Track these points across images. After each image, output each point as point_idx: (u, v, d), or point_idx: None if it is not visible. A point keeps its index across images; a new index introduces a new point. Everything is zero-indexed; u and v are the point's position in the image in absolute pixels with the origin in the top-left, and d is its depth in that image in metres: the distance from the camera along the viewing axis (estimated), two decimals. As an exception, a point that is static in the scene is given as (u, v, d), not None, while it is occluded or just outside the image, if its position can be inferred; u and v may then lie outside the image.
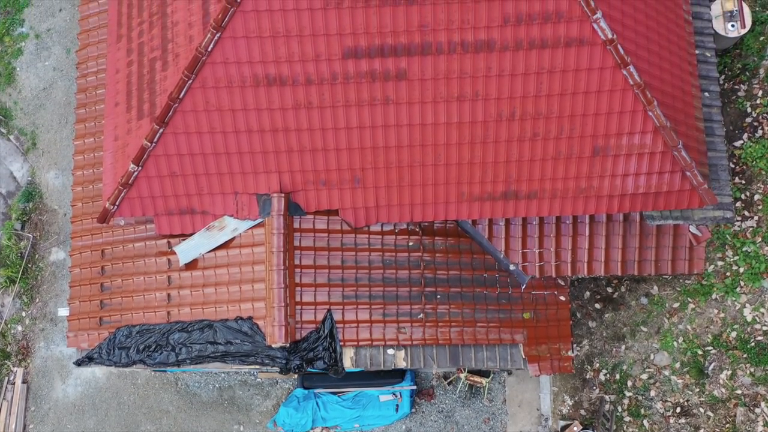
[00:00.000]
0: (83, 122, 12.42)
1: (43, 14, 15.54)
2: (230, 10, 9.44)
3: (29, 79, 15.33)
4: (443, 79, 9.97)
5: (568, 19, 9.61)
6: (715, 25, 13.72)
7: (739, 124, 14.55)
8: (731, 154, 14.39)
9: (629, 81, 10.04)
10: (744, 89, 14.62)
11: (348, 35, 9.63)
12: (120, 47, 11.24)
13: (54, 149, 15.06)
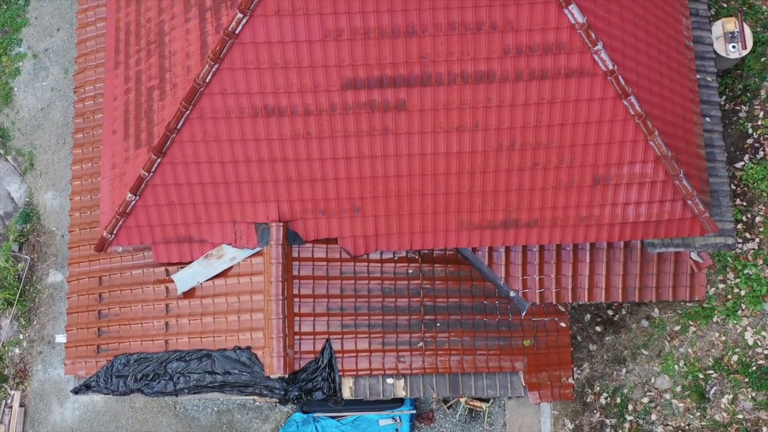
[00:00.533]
0: (81, 147, 12.35)
1: (40, 34, 15.47)
2: (228, 42, 9.36)
3: (27, 100, 15.26)
4: (443, 110, 9.90)
5: (569, 50, 9.54)
6: (716, 46, 13.65)
7: (740, 145, 14.48)
8: (732, 176, 14.33)
9: (630, 111, 9.97)
10: (745, 110, 14.56)
11: (347, 67, 9.56)
12: (118, 74, 11.17)
13: (52, 170, 14.99)
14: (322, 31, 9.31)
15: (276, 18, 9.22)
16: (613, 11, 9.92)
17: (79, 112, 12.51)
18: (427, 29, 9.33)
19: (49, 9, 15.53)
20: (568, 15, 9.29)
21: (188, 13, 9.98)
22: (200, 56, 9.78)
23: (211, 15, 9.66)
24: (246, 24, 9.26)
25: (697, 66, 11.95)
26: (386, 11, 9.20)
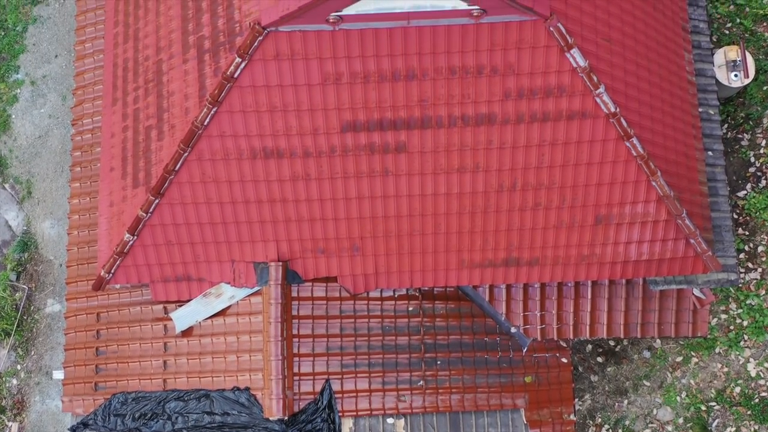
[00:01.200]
0: (78, 181, 12.26)
1: (38, 60, 15.37)
2: (226, 85, 9.27)
3: (25, 127, 15.17)
4: (443, 152, 9.81)
5: (571, 93, 9.45)
6: (717, 75, 13.56)
7: (742, 174, 14.40)
8: (734, 205, 14.24)
9: (632, 152, 9.89)
10: (747, 138, 14.47)
11: (346, 110, 9.47)
12: (115, 111, 11.08)
13: (50, 198, 14.90)
14: (321, 75, 9.22)
15: (275, 62, 9.13)
16: (615, 52, 9.83)
17: (76, 145, 12.42)
18: (428, 73, 9.24)
19: (47, 36, 15.44)
20: (569, 59, 9.20)
21: (186, 54, 9.89)
22: (198, 98, 9.68)
23: (210, 57, 9.56)
24: (244, 68, 9.17)
25: (699, 99, 11.87)
26: (386, 55, 9.11)
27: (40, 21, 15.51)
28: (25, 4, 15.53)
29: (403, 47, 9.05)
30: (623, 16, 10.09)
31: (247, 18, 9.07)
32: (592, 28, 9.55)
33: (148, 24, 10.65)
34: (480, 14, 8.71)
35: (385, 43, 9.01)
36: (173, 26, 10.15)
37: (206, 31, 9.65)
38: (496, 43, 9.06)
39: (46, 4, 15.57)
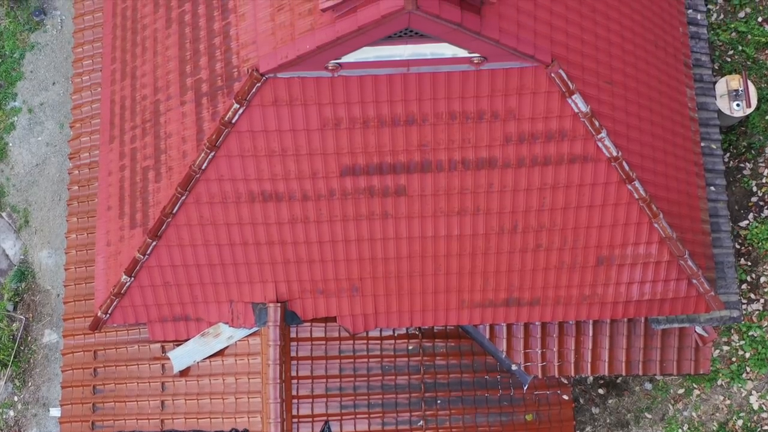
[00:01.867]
0: (75, 215, 12.17)
1: (36, 88, 15.28)
2: (224, 131, 9.18)
3: (22, 155, 15.07)
4: (443, 195, 9.71)
5: (572, 137, 9.36)
6: (719, 104, 13.48)
7: (744, 203, 14.30)
8: (736, 235, 14.14)
9: (634, 195, 9.79)
10: (749, 168, 14.38)
11: (346, 154, 9.38)
12: (113, 149, 10.99)
13: (47, 227, 14.80)
14: (320, 120, 9.13)
15: (273, 108, 9.03)
16: (617, 94, 9.74)
17: (74, 179, 12.33)
18: (428, 118, 9.15)
19: (44, 62, 15.35)
20: (571, 104, 9.11)
21: (184, 96, 9.80)
22: (196, 142, 9.59)
23: (207, 101, 9.47)
24: (242, 114, 9.07)
25: (701, 133, 11.78)
26: (386, 101, 9.01)
27: (38, 48, 15.41)
28: (22, 31, 15.43)
29: (403, 93, 8.96)
30: (625, 57, 10.00)
31: (245, 64, 8.97)
32: (594, 71, 9.46)
33: (145, 63, 10.55)
34: (480, 61, 8.62)
35: (384, 89, 8.91)
36: (171, 67, 10.05)
37: (204, 74, 9.56)
38: (497, 89, 8.97)
39: (43, 30, 15.48)
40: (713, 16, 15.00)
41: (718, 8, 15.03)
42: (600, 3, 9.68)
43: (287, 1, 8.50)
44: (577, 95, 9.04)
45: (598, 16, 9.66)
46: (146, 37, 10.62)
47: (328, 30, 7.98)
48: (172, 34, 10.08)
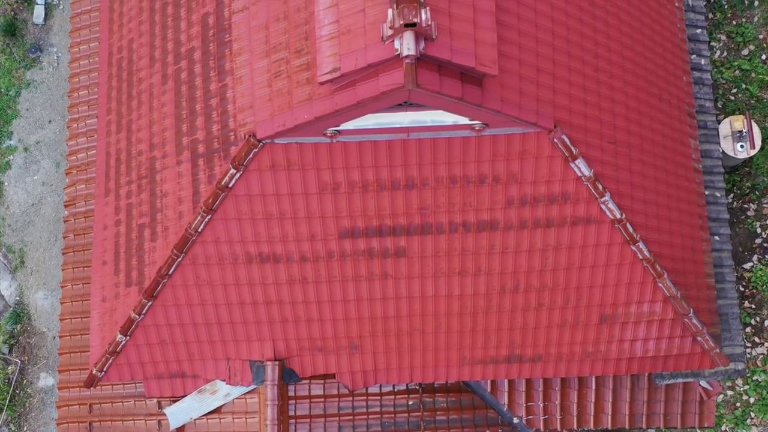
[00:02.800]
0: (71, 265, 12.00)
1: (32, 126, 15.11)
2: (221, 195, 9.01)
3: (17, 194, 14.90)
4: (444, 256, 9.55)
5: (575, 200, 9.19)
6: (723, 145, 13.34)
7: (748, 245, 14.14)
8: (740, 277, 13.98)
9: (638, 256, 9.63)
10: (753, 208, 14.22)
11: (344, 217, 9.21)
12: (108, 202, 10.82)
13: (43, 268, 14.63)
14: (318, 184, 8.96)
15: (271, 172, 8.87)
16: (621, 154, 9.58)
17: (69, 228, 12.16)
18: (428, 182, 8.98)
19: (40, 100, 15.18)
20: (574, 168, 8.95)
21: (180, 155, 9.63)
22: (192, 203, 9.42)
23: (204, 163, 9.30)
24: (240, 178, 8.91)
25: (705, 182, 11.62)
26: (385, 166, 8.85)
27: (34, 85, 15.25)
28: (18, 68, 15.27)
29: (403, 158, 8.79)
30: (629, 114, 9.84)
31: (242, 128, 8.81)
32: (597, 132, 9.29)
33: (141, 117, 10.38)
34: (482, 128, 8.45)
35: (384, 154, 8.75)
36: (167, 124, 9.89)
37: (200, 135, 9.39)
38: (499, 154, 8.81)
39: (39, 67, 15.31)
40: (716, 54, 14.85)
41: (721, 45, 14.88)
42: (603, 61, 9.52)
43: (285, 68, 8.33)
44: (581, 160, 8.87)
45: (602, 74, 9.50)
46: (142, 90, 10.45)
47: (326, 102, 7.81)
48: (168, 90, 9.91)
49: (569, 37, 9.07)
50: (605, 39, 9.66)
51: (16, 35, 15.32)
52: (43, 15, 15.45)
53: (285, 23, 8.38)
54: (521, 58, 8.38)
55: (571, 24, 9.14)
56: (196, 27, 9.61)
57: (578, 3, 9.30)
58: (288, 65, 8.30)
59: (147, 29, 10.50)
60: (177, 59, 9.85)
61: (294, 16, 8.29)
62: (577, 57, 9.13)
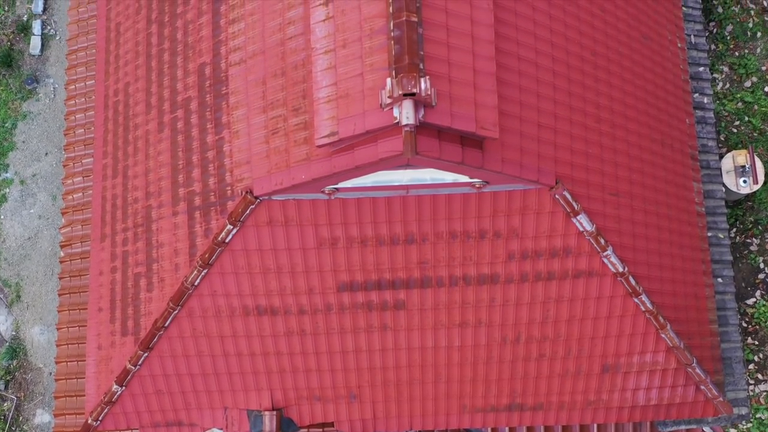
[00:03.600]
0: (67, 307, 11.84)
1: (28, 158, 14.98)
2: (218, 250, 8.88)
3: (14, 228, 14.77)
4: (444, 309, 9.42)
5: (577, 254, 9.06)
6: (725, 180, 13.20)
7: (751, 280, 14.00)
8: (743, 313, 13.85)
9: (641, 308, 9.50)
10: (756, 243, 14.08)
11: (343, 272, 9.08)
12: (104, 248, 10.69)
13: (39, 303, 14.50)
14: (316, 240, 8.83)
15: (268, 228, 8.74)
16: (623, 204, 9.45)
17: (65, 269, 12.00)
18: (428, 238, 8.85)
19: (36, 132, 15.05)
20: (576, 223, 8.82)
21: (176, 206, 9.50)
22: (189, 256, 9.29)
23: (200, 215, 9.17)
24: (236, 234, 8.78)
25: (708, 222, 11.50)
26: (384, 222, 8.72)
27: (30, 117, 15.12)
28: (14, 100, 15.14)
29: (402, 215, 8.66)
30: (631, 163, 9.72)
31: (239, 183, 8.68)
32: (599, 185, 9.17)
33: (137, 164, 10.25)
34: (482, 185, 8.32)
35: (383, 211, 8.63)
36: (163, 173, 9.76)
37: (197, 187, 9.26)
38: (499, 210, 8.68)
39: (36, 99, 15.18)
40: (719, 85, 14.72)
41: (724, 77, 14.75)
42: (605, 111, 9.39)
43: (282, 126, 8.20)
44: (582, 215, 8.74)
45: (604, 125, 9.38)
46: (138, 137, 10.33)
47: (324, 164, 7.69)
48: (164, 139, 9.79)
49: (571, 89, 8.95)
50: (607, 88, 9.54)
51: (12, 66, 15.19)
52: (40, 46, 15.32)
53: (282, 80, 8.25)
54: (522, 115, 8.25)
55: (573, 75, 9.02)
56: (192, 76, 9.48)
57: (579, 53, 9.17)
58: (285, 123, 8.17)
59: (143, 74, 10.37)
60: (173, 107, 9.73)
61: (291, 73, 8.16)
62: (578, 109, 9.01)
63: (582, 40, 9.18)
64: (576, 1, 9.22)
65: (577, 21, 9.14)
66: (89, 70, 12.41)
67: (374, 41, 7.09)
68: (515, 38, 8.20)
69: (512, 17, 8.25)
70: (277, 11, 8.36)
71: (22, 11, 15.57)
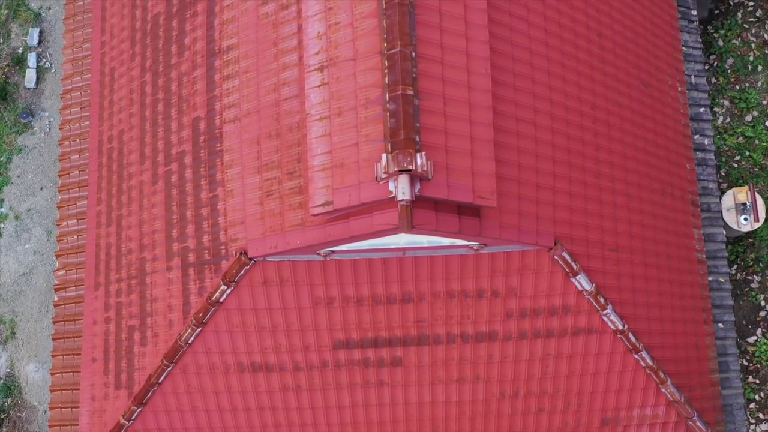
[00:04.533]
0: (60, 352, 11.71)
1: (23, 193, 14.85)
2: (212, 309, 8.76)
3: (8, 264, 14.64)
4: (441, 365, 9.30)
5: (576, 312, 8.95)
6: (726, 218, 13.06)
7: (752, 318, 13.88)
8: (744, 351, 13.72)
9: (641, 363, 9.38)
10: (757, 280, 13.96)
11: (339, 330, 8.96)
12: (98, 296, 10.57)
13: (34, 340, 14.37)
14: (312, 299, 8.71)
15: (262, 287, 8.62)
16: (623, 260, 9.32)
17: (59, 314, 11.85)
18: (425, 297, 8.73)
19: (32, 166, 14.93)
20: (575, 283, 8.69)
21: (170, 261, 9.37)
22: (182, 313, 9.16)
23: (194, 272, 9.05)
24: (231, 293, 8.65)
25: (708, 266, 11.38)
26: (380, 282, 8.60)
27: (25, 151, 14.99)
28: (9, 134, 15.01)
29: (399, 275, 8.55)
30: (631, 217, 9.60)
31: (233, 243, 8.56)
32: (599, 242, 9.04)
33: (131, 214, 10.13)
34: (480, 247, 8.20)
35: (379, 271, 8.51)
36: (157, 226, 9.63)
37: (191, 243, 9.14)
38: (497, 270, 8.56)
39: (31, 133, 15.06)
40: (719, 119, 14.60)
41: (724, 111, 14.63)
42: (605, 165, 9.27)
43: (277, 188, 8.08)
44: (582, 275, 8.62)
45: (603, 179, 9.25)
46: (132, 186, 10.20)
47: (319, 231, 7.56)
48: (159, 192, 9.66)
49: (570, 146, 8.83)
50: (607, 141, 9.42)
51: (7, 99, 15.07)
52: (35, 79, 15.19)
53: (277, 141, 8.13)
54: (520, 177, 8.13)
55: (572, 132, 8.90)
56: (187, 130, 9.36)
57: (579, 108, 9.05)
58: (280, 186, 8.05)
59: (138, 123, 10.25)
60: (168, 160, 9.60)
61: (286, 135, 8.04)
62: (578, 166, 8.89)
63: (581, 94, 9.06)
64: (575, 55, 9.10)
65: (576, 75, 9.03)
66: (84, 110, 12.28)
67: (369, 111, 6.97)
68: (513, 99, 8.09)
69: (510, 77, 8.14)
70: (272, 71, 8.24)
71: (18, 44, 15.45)
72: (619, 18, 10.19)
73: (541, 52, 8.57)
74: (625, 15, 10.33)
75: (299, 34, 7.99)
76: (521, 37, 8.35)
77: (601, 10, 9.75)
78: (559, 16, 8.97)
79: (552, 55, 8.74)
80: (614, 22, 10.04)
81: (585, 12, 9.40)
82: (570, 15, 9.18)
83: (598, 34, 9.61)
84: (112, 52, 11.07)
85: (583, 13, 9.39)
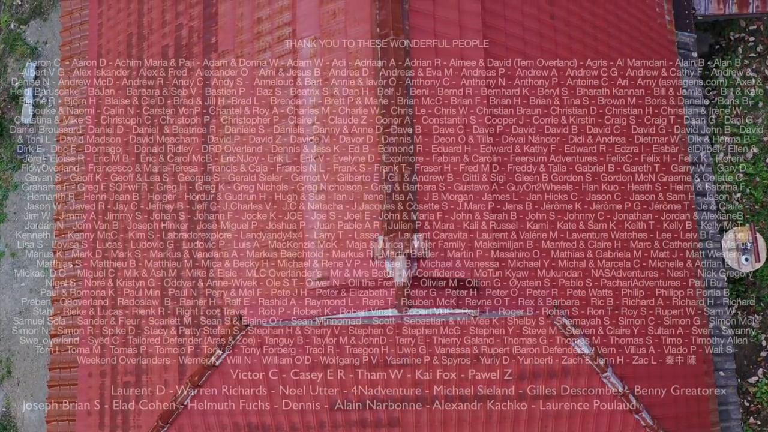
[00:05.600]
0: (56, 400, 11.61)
1: (19, 230, 14.76)
2: (207, 372, 8.67)
3: (4, 302, 14.54)
4: (440, 425, 9.19)
5: (576, 374, 8.85)
6: (727, 258, 12.98)
7: (753, 358, 13.78)
8: (744, 391, 13.62)
9: (641, 423, 9.29)
10: (758, 320, 13.85)
11: (336, 390, 8.86)
12: (93, 349, 10.47)
13: (30, 379, 14.27)
14: (308, 362, 8.61)
15: (258, 351, 8.52)
16: (622, 319, 9.23)
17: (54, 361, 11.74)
18: (423, 360, 8.63)
19: (28, 203, 14.82)
20: (575, 347, 8.60)
21: (166, 319, 9.29)
22: (178, 374, 9.07)
23: (190, 333, 8.96)
24: (226, 356, 8.56)
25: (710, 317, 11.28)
26: (378, 345, 8.50)
27: (22, 187, 14.89)
28: (5, 170, 14.92)
29: (396, 339, 8.44)
30: (633, 275, 9.49)
31: (229, 308, 8.47)
32: (600, 302, 8.95)
33: (127, 269, 10.03)
34: (478, 315, 8.10)
35: (376, 336, 8.41)
36: (152, 284, 9.54)
37: (186, 303, 9.05)
38: (496, 334, 8.46)
39: (27, 169, 14.95)
40: (719, 156, 14.50)
41: (725, 147, 14.53)
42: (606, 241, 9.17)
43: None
44: (581, 339, 8.53)
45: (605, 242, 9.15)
46: (128, 240, 10.10)
47: (314, 303, 7.47)
48: (154, 248, 9.56)
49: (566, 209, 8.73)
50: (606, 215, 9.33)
51: (3, 135, 14.97)
52: (31, 114, 15.09)
53: (274, 208, 8.03)
54: (520, 245, 8.03)
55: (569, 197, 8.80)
56: (182, 187, 9.26)
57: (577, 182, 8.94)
58: (277, 254, 7.96)
59: (132, 179, 10.15)
60: (163, 217, 9.51)
61: (283, 203, 7.94)
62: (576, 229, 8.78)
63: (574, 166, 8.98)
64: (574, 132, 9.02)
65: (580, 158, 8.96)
66: (80, 153, 12.17)
67: (366, 188, 6.89)
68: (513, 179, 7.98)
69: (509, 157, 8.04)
70: (268, 135, 8.14)
71: (14, 78, 15.36)
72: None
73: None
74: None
75: (296, 99, 7.90)
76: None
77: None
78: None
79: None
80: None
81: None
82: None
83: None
84: (108, 100, 10.97)
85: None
